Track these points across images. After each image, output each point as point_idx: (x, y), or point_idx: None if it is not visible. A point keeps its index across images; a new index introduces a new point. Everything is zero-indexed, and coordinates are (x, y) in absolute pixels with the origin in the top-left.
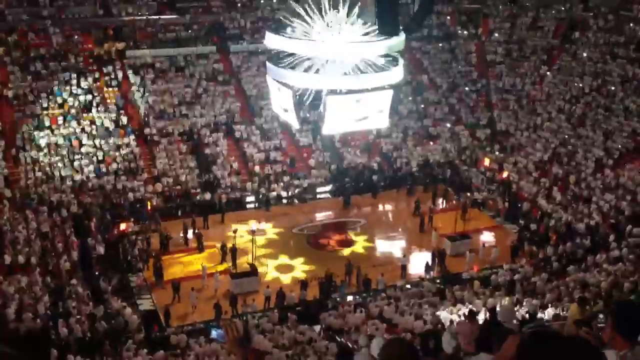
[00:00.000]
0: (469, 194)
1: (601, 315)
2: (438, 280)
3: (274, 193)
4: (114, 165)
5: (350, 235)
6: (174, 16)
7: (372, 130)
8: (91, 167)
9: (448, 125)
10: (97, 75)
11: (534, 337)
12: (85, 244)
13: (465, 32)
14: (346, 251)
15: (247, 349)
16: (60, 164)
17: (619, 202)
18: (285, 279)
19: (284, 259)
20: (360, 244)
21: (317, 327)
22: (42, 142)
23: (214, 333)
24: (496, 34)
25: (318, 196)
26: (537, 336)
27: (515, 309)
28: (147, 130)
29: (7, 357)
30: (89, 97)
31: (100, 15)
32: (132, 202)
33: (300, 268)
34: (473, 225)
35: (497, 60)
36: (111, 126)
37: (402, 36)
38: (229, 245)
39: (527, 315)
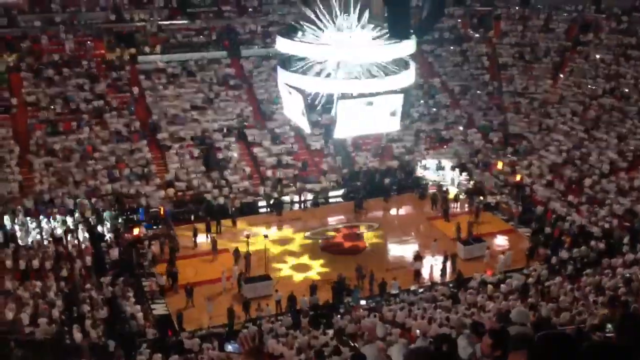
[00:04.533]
0: (481, 198)
1: (609, 326)
2: (451, 285)
3: (286, 197)
4: (127, 170)
5: (362, 238)
6: (186, 21)
7: (384, 134)
8: (104, 172)
9: (460, 128)
10: (109, 80)
11: (545, 340)
12: (99, 249)
13: (477, 35)
14: (358, 255)
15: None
16: (74, 169)
17: (633, 205)
18: (297, 283)
19: (294, 263)
20: (372, 248)
21: (330, 331)
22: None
23: (229, 347)
24: (509, 36)
25: (330, 200)
26: (548, 338)
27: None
28: (159, 135)
29: None
30: (102, 102)
31: (112, 21)
32: (145, 207)
33: (312, 272)
34: (487, 229)
35: (510, 63)
36: (124, 131)
37: (413, 39)
38: (242, 250)
39: (540, 319)
